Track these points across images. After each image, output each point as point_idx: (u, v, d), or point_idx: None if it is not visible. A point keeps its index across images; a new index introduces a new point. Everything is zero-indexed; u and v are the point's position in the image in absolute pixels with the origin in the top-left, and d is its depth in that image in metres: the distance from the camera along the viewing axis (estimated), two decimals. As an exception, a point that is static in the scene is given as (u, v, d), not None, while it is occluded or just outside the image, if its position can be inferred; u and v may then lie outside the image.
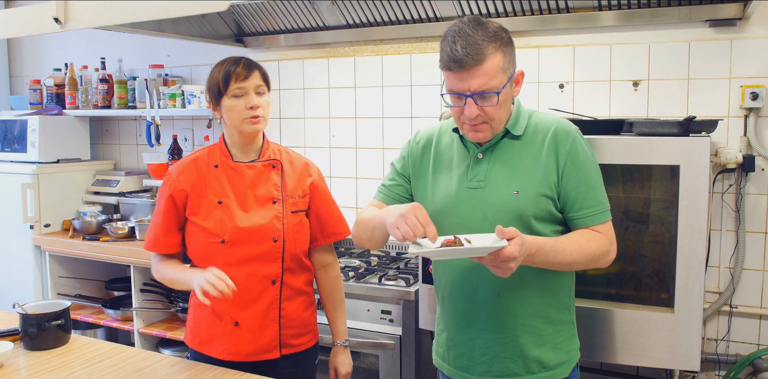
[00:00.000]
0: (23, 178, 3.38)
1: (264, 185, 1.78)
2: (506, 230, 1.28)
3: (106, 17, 1.83)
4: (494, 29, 1.40)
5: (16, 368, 1.65)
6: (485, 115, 1.42)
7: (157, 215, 1.79)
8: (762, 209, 2.33)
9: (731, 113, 2.34)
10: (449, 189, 1.53)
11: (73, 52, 3.92)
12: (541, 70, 2.64)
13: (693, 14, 2.32)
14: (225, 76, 1.69)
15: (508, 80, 1.42)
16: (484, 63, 1.36)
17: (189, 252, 1.79)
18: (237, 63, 1.71)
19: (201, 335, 1.78)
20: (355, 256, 2.87)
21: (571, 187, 1.46)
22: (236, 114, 1.70)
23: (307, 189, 1.84)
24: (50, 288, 3.34)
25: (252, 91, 1.71)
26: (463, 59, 1.36)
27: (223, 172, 1.77)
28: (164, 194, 1.77)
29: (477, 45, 1.36)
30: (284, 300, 1.78)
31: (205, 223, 1.73)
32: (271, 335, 1.76)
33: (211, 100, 1.75)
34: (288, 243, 1.76)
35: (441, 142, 1.61)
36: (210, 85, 1.72)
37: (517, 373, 1.52)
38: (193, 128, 3.57)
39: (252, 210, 1.75)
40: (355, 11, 2.82)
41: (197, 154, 1.83)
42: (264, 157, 1.80)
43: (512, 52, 1.44)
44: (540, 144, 1.49)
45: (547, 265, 1.42)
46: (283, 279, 1.77)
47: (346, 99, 3.09)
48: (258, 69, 1.73)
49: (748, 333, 2.38)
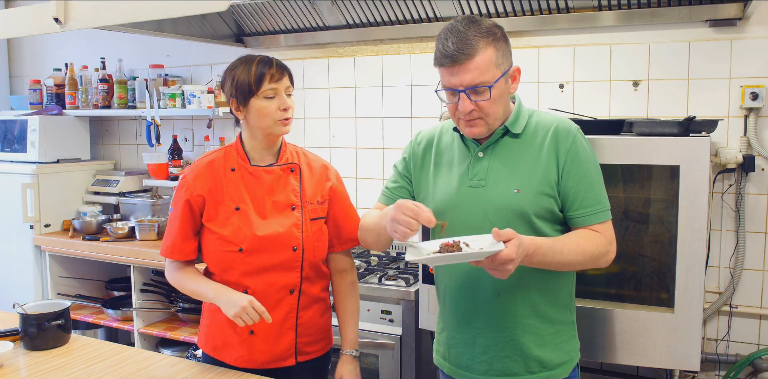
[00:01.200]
0: (23, 178, 3.38)
1: (282, 191, 1.71)
2: (502, 232, 1.28)
3: (106, 17, 1.83)
4: (487, 26, 1.41)
5: (16, 368, 1.64)
6: (479, 110, 1.42)
7: (173, 221, 1.71)
8: (762, 209, 2.33)
9: (731, 113, 2.34)
10: (450, 188, 1.53)
11: (73, 52, 3.92)
12: (541, 70, 2.64)
13: (693, 14, 2.32)
14: (258, 76, 1.61)
15: (502, 75, 1.42)
16: (475, 57, 1.38)
17: (205, 259, 1.74)
18: (270, 63, 1.64)
19: (215, 341, 1.74)
20: (355, 256, 2.87)
21: (571, 185, 1.46)
22: (268, 116, 1.64)
23: (327, 194, 1.78)
24: (50, 288, 3.34)
25: (283, 93, 1.66)
26: (453, 54, 1.37)
27: (240, 177, 1.70)
28: (181, 199, 1.70)
29: (468, 40, 1.37)
30: (301, 309, 1.73)
31: (222, 230, 1.67)
32: (287, 343, 1.71)
33: (234, 100, 1.66)
34: (307, 252, 1.71)
35: (442, 142, 1.61)
36: (238, 84, 1.63)
37: (517, 372, 1.52)
38: (193, 128, 3.57)
39: (270, 217, 1.69)
40: (355, 11, 2.82)
41: (212, 156, 1.74)
42: (282, 161, 1.73)
43: (506, 48, 1.45)
44: (540, 143, 1.49)
45: (545, 265, 1.42)
46: (301, 288, 1.72)
47: (346, 99, 3.09)
48: (288, 71, 1.68)
49: (748, 333, 2.38)
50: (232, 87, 1.65)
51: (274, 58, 1.68)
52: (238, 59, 1.69)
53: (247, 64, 1.64)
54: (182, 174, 1.75)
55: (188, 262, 1.75)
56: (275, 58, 1.68)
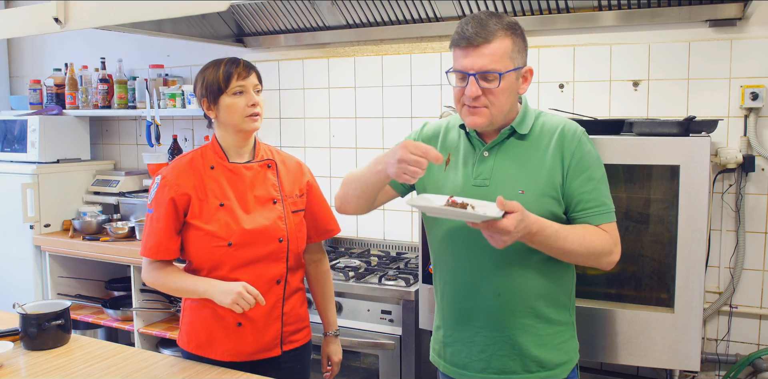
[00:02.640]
0: (23, 178, 3.38)
1: (262, 186, 1.78)
2: (508, 203, 1.28)
3: (106, 17, 1.83)
4: (509, 21, 1.44)
5: (16, 368, 1.64)
6: (485, 97, 1.42)
7: (157, 221, 1.72)
8: (762, 209, 2.33)
9: (731, 113, 2.34)
10: (454, 186, 1.53)
11: (73, 52, 3.92)
12: (541, 70, 2.63)
13: (693, 14, 2.32)
14: (227, 74, 1.70)
15: (515, 69, 1.43)
16: (492, 43, 1.39)
17: (191, 257, 1.76)
18: (236, 63, 1.73)
19: (199, 338, 1.77)
20: (355, 256, 2.87)
21: (576, 187, 1.46)
22: (237, 112, 1.71)
23: (304, 188, 1.87)
24: (50, 288, 3.34)
25: (251, 90, 1.73)
26: (471, 36, 1.39)
27: (221, 174, 1.76)
28: (164, 198, 1.71)
29: (488, 27, 1.40)
30: (286, 298, 1.80)
31: (208, 226, 1.71)
32: (274, 333, 1.77)
33: (206, 100, 1.74)
34: (291, 243, 1.78)
35: (447, 138, 1.61)
36: (208, 83, 1.71)
37: (515, 371, 1.52)
38: (193, 128, 3.57)
39: (254, 211, 1.75)
40: (355, 11, 2.82)
41: (190, 156, 1.80)
42: (258, 158, 1.81)
43: (523, 45, 1.46)
44: (547, 144, 1.49)
45: (546, 248, 1.41)
46: (287, 278, 1.79)
47: (346, 99, 3.09)
48: (255, 70, 1.77)
49: (748, 333, 2.38)
50: (203, 87, 1.74)
51: (242, 59, 1.75)
52: (208, 63, 1.77)
53: (215, 66, 1.74)
54: (160, 175, 1.76)
55: (168, 261, 1.77)
56: (243, 58, 1.76)
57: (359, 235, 3.07)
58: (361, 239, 3.06)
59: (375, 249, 3.02)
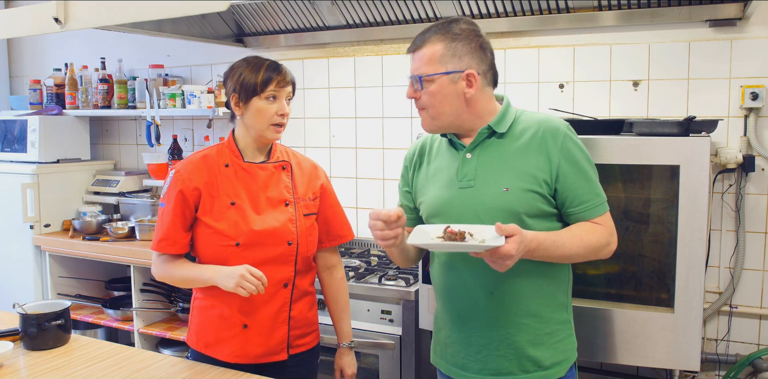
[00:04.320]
0: (23, 178, 3.38)
1: (275, 187, 1.76)
2: (505, 227, 1.30)
3: (106, 17, 1.83)
4: (456, 29, 1.48)
5: (16, 368, 1.64)
6: (420, 101, 1.51)
7: (166, 214, 1.72)
8: (762, 209, 2.33)
9: (731, 113, 2.34)
10: (441, 190, 1.55)
11: (73, 52, 3.92)
12: (541, 70, 2.64)
13: (693, 14, 2.32)
14: (266, 79, 1.68)
15: (446, 73, 1.45)
16: (422, 48, 1.48)
17: (199, 254, 1.76)
18: (278, 70, 1.71)
19: (206, 338, 1.76)
20: (355, 256, 2.87)
21: (569, 184, 1.47)
22: (264, 118, 1.70)
23: (318, 192, 1.84)
24: (50, 288, 3.34)
25: (284, 99, 1.72)
26: (412, 43, 1.52)
27: (234, 173, 1.74)
28: (174, 192, 1.71)
29: (424, 35, 1.49)
30: (293, 302, 1.77)
31: (218, 224, 1.70)
32: (280, 336, 1.75)
33: (236, 96, 1.70)
34: (301, 246, 1.76)
35: (433, 147, 1.65)
36: (244, 82, 1.68)
37: (511, 371, 1.52)
38: (193, 128, 3.57)
39: (265, 212, 1.73)
40: (355, 11, 2.82)
41: (205, 152, 1.78)
42: (274, 159, 1.79)
43: (465, 51, 1.47)
44: (528, 141, 1.49)
45: (547, 258, 1.45)
46: (294, 282, 1.76)
47: (346, 99, 3.09)
48: (294, 82, 1.76)
49: (748, 333, 2.38)
50: (237, 83, 1.70)
51: (282, 66, 1.74)
52: (247, 59, 1.73)
53: (256, 66, 1.70)
54: (174, 169, 1.76)
55: (177, 256, 1.76)
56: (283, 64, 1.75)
57: (359, 235, 3.07)
58: (361, 239, 3.06)
59: (375, 249, 3.02)
